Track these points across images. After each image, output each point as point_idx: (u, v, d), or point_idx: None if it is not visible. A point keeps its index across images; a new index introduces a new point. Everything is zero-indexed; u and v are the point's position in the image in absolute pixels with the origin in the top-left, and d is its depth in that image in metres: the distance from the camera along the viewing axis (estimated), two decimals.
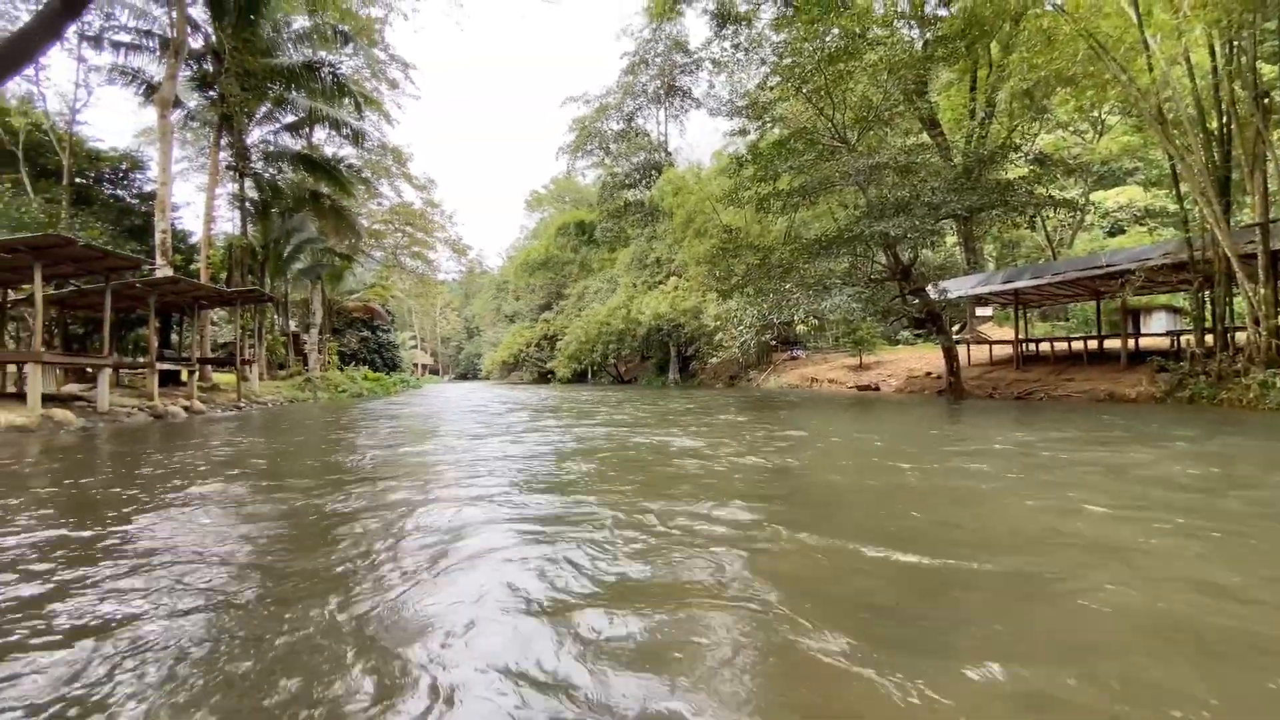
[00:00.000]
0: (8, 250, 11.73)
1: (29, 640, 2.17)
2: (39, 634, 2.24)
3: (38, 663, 2.00)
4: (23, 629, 2.28)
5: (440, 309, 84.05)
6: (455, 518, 3.96)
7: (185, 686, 1.85)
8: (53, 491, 5.15)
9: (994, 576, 2.73)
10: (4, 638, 2.21)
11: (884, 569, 2.84)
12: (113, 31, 21.48)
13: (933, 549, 3.07)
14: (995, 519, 3.86)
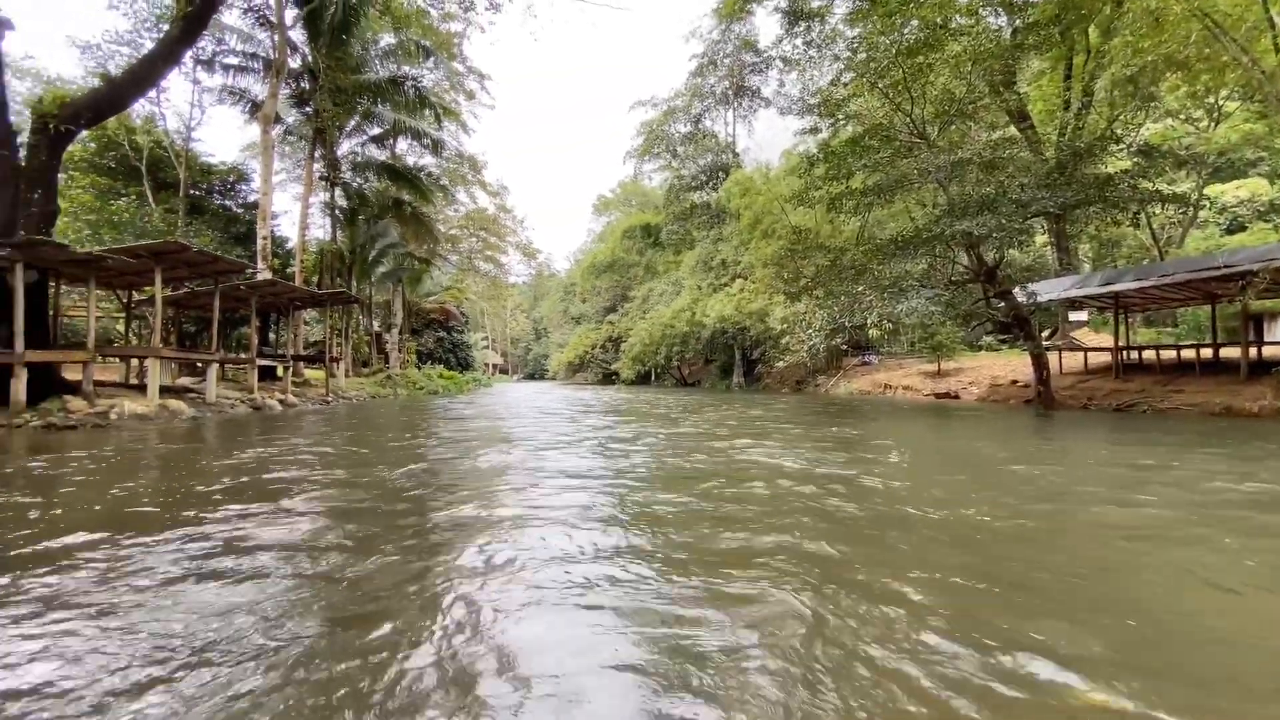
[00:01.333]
0: (133, 255, 13.04)
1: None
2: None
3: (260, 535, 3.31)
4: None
5: (510, 311, 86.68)
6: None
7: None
8: (186, 468, 5.70)
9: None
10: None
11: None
12: (223, 55, 23.52)
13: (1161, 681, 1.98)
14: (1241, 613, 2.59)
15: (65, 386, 12.24)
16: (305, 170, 25.47)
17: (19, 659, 2.05)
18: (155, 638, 2.21)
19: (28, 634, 2.24)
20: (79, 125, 13.70)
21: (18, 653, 2.09)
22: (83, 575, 2.87)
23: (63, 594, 2.64)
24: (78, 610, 2.46)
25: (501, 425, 11.19)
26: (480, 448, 7.98)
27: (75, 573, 2.91)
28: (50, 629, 2.28)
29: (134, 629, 2.29)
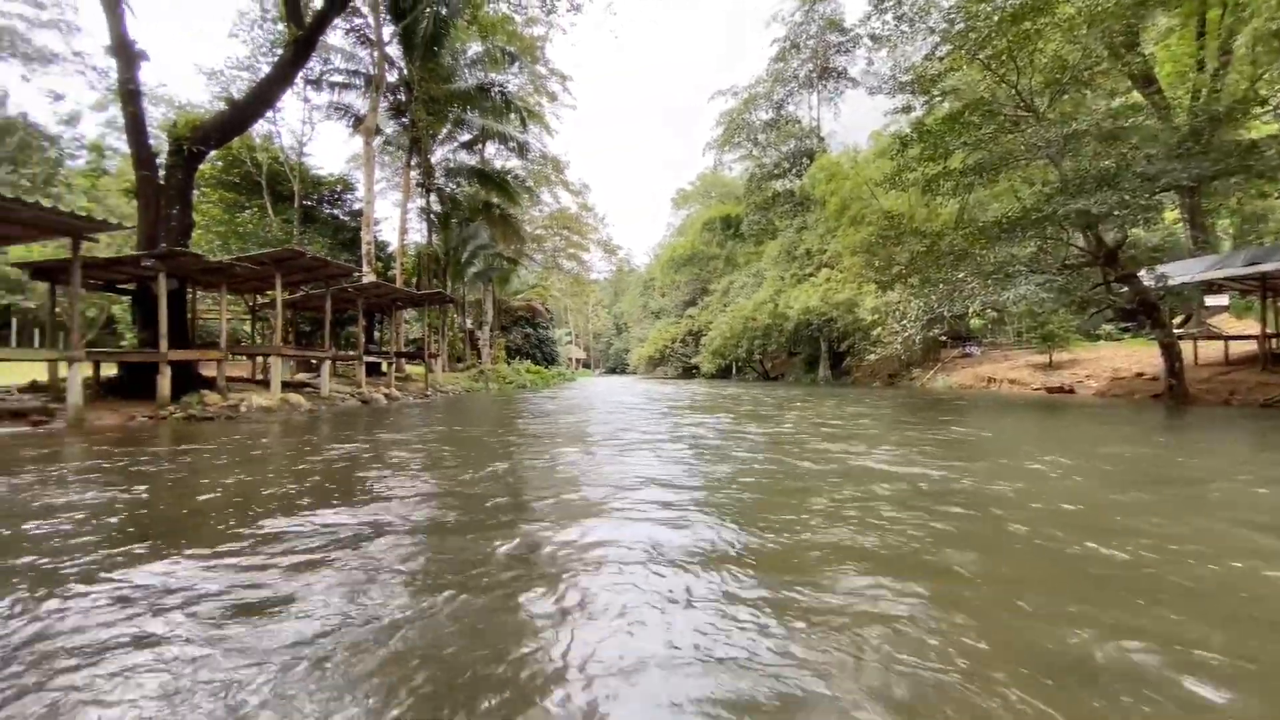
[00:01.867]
0: (257, 263, 14.34)
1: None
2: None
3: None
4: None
5: (592, 306, 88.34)
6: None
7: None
8: (315, 448, 6.20)
9: None
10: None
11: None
12: (329, 74, 25.38)
13: None
14: None
15: (202, 382, 13.68)
16: (403, 178, 27.05)
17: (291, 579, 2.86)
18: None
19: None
20: (209, 146, 15.22)
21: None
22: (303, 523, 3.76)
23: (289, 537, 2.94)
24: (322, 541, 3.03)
25: (586, 422, 10.90)
26: (564, 445, 7.68)
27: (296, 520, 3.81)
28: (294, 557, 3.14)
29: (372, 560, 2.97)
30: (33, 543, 3.35)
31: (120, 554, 3.18)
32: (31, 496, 4.53)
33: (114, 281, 14.54)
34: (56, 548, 3.27)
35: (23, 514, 3.98)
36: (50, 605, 2.50)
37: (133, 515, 4.01)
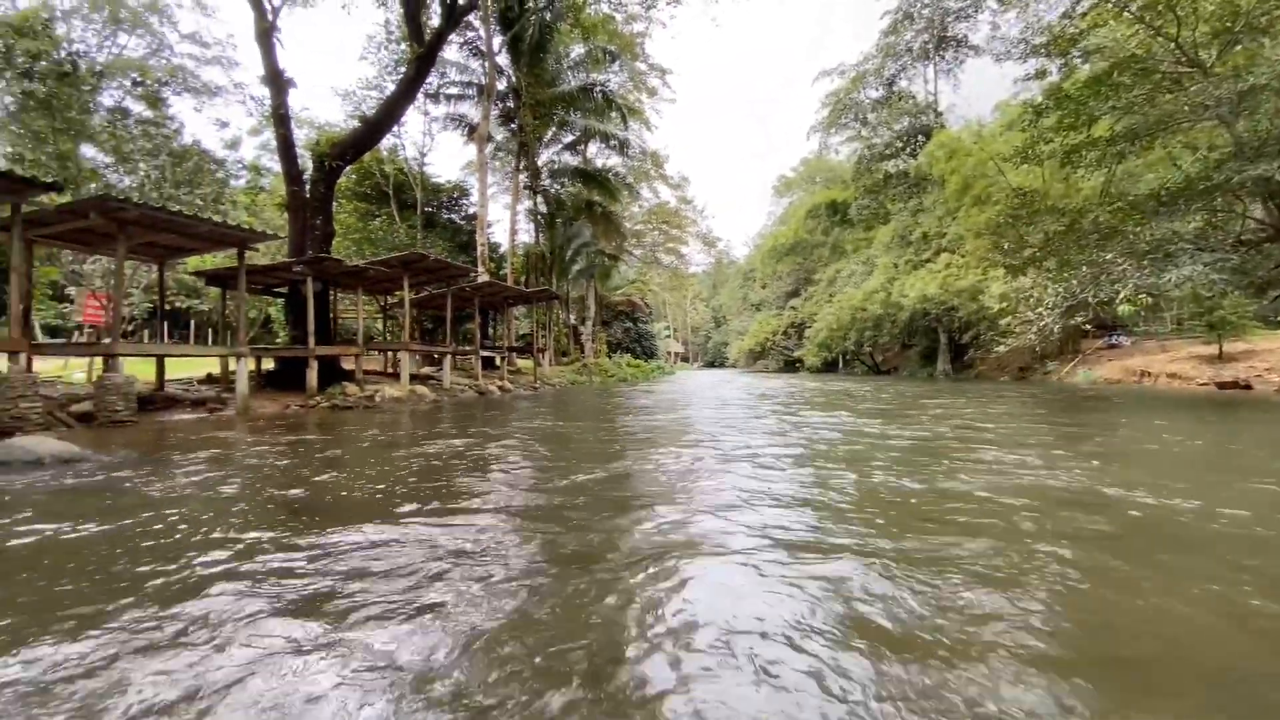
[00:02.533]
0: (388, 266, 15.62)
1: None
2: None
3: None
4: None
5: (690, 300, 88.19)
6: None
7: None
8: (446, 431, 6.70)
9: None
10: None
11: None
12: (445, 87, 27.08)
13: None
14: None
15: (343, 374, 15.14)
16: (512, 181, 28.39)
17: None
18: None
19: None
20: (345, 160, 16.77)
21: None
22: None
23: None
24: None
25: (687, 418, 10.27)
26: (665, 446, 6.88)
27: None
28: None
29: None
30: (255, 506, 3.86)
31: (325, 516, 3.76)
32: (242, 468, 5.23)
33: (270, 285, 16.44)
34: (271, 512, 3.74)
35: (246, 486, 4.59)
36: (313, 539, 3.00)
37: (320, 489, 4.51)
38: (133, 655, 2.02)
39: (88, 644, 2.09)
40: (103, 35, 20.37)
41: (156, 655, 2.02)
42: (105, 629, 2.21)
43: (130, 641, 2.11)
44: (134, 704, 1.74)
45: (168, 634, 2.17)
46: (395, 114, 18.64)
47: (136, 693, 1.80)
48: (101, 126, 18.43)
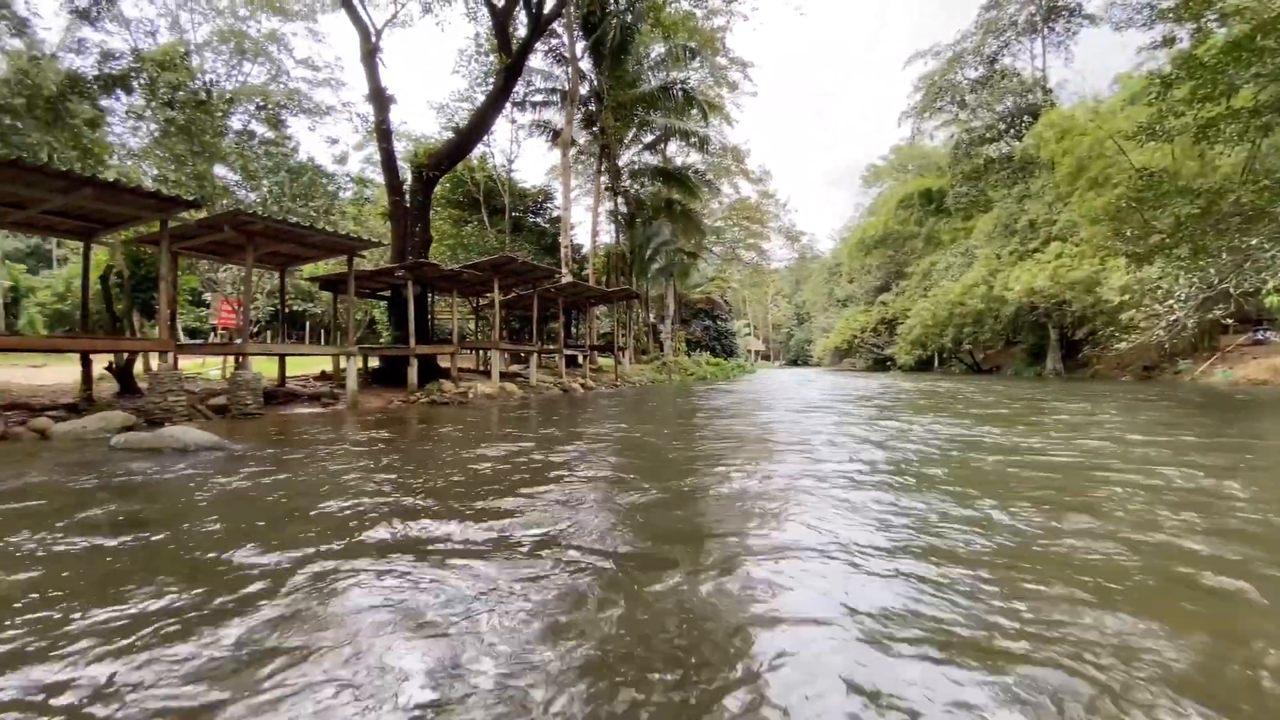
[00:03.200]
0: (479, 269, 16.34)
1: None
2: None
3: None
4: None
5: (772, 297, 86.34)
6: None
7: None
8: (543, 423, 6.96)
9: None
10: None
11: None
12: (531, 94, 28.00)
13: None
14: None
15: (439, 372, 16.00)
16: (594, 183, 28.92)
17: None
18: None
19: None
20: (441, 170, 17.68)
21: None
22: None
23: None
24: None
25: (771, 422, 9.10)
26: (747, 457, 5.99)
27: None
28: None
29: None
30: (385, 486, 4.18)
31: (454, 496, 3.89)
32: (376, 456, 5.68)
33: (375, 289, 17.64)
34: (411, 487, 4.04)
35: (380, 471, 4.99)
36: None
37: (428, 477, 4.80)
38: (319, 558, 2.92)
39: (291, 553, 3.02)
40: (230, 65, 22.63)
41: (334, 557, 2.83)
42: (294, 549, 2.65)
43: (318, 547, 2.90)
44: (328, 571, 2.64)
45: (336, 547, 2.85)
46: (485, 124, 19.46)
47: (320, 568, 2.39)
48: (231, 148, 20.45)
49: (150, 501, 4.21)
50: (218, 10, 22.00)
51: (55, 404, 9.29)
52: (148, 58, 18.98)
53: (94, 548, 3.12)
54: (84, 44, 19.07)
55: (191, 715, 1.70)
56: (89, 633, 2.16)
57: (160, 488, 4.63)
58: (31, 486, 4.60)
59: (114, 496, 4.29)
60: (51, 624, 2.22)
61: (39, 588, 2.57)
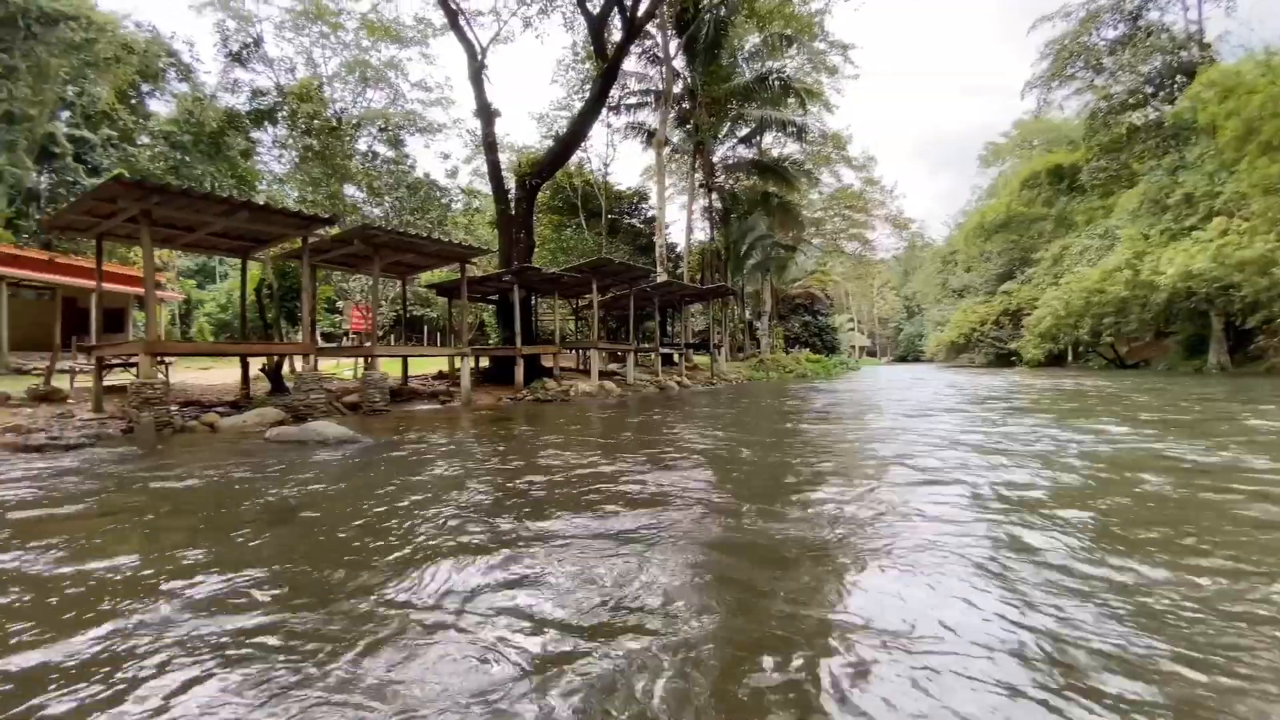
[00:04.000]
0: (579, 272, 16.85)
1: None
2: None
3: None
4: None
5: (877, 289, 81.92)
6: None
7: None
8: (640, 421, 7.11)
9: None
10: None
11: None
12: (626, 97, 28.42)
13: None
14: None
15: (543, 371, 16.68)
16: (688, 181, 28.90)
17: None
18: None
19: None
20: (542, 178, 18.41)
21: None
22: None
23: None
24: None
25: (880, 428, 7.85)
26: (853, 472, 5.14)
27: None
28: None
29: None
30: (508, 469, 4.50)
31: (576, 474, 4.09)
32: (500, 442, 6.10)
33: (485, 294, 18.69)
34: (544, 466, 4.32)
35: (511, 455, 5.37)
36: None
37: (529, 465, 5.08)
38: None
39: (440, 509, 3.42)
40: (355, 92, 24.87)
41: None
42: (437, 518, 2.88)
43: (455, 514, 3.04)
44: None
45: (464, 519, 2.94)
46: (583, 130, 20.01)
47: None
48: (358, 168, 22.50)
49: (306, 485, 4.74)
50: (344, 44, 24.26)
51: (221, 401, 10.68)
52: (289, 92, 21.28)
53: (277, 522, 3.57)
54: (237, 84, 21.71)
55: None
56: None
57: (309, 473, 5.20)
58: (215, 474, 5.33)
59: (274, 483, 4.87)
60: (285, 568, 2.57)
61: (255, 551, 3.00)
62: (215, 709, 1.71)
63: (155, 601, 2.44)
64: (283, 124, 21.70)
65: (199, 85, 25.47)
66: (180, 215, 9.47)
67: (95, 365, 9.68)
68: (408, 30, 24.53)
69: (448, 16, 17.61)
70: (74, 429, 7.66)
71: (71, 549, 3.14)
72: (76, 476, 5.16)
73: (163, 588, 2.60)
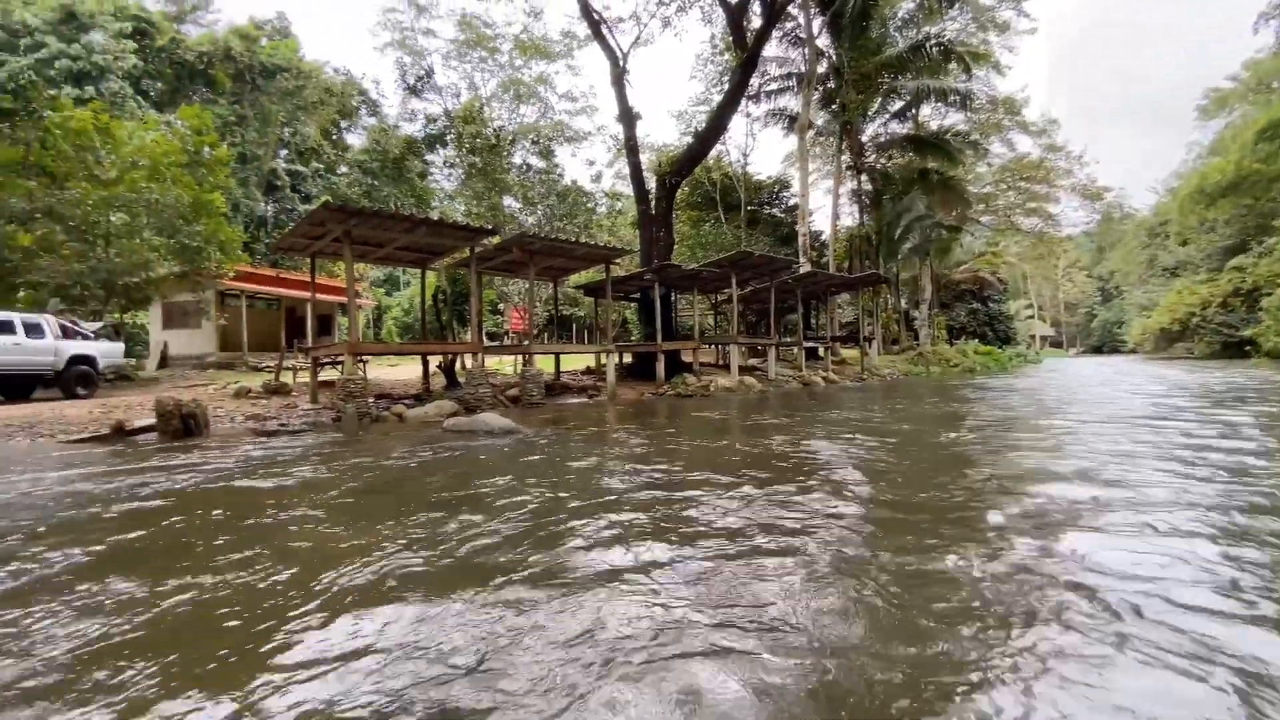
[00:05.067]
0: (718, 266, 16.81)
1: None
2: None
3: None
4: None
5: (1063, 270, 71.65)
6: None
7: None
8: (782, 416, 7.05)
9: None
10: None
11: None
12: (766, 84, 27.69)
13: None
14: None
15: (683, 366, 16.92)
16: (834, 164, 27.50)
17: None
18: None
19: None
20: (681, 176, 18.61)
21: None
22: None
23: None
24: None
25: (1087, 451, 5.67)
26: (1064, 523, 3.42)
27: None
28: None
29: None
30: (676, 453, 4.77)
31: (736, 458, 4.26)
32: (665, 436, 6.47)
33: (627, 292, 19.36)
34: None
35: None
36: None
37: (672, 454, 5.27)
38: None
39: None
40: (510, 109, 26.90)
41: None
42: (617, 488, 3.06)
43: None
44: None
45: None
46: (722, 122, 19.91)
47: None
48: (514, 180, 24.37)
49: (487, 468, 5.32)
50: (500, 65, 26.38)
51: (407, 394, 12.23)
52: (455, 116, 23.62)
53: (467, 495, 4.09)
54: (414, 113, 24.53)
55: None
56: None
57: (487, 457, 5.82)
58: (407, 456, 6.18)
59: (458, 463, 5.52)
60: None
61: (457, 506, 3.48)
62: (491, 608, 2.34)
63: (403, 539, 2.92)
64: (451, 145, 24.18)
65: (383, 118, 29.25)
66: (373, 233, 10.99)
67: (311, 364, 11.60)
68: (555, 45, 26.04)
69: (590, 27, 18.46)
70: (297, 418, 9.25)
71: (333, 509, 3.85)
72: (311, 456, 6.25)
73: (417, 520, 3.16)
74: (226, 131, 29.36)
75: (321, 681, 1.88)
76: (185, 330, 20.97)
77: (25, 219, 14.97)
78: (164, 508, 4.16)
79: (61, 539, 3.44)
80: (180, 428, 7.85)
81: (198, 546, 3.27)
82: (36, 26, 29.55)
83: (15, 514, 4.07)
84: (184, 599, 2.56)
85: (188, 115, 18.63)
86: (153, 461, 6.13)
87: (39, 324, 11.96)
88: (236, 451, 6.68)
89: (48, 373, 12.12)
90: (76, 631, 2.26)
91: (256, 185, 33.32)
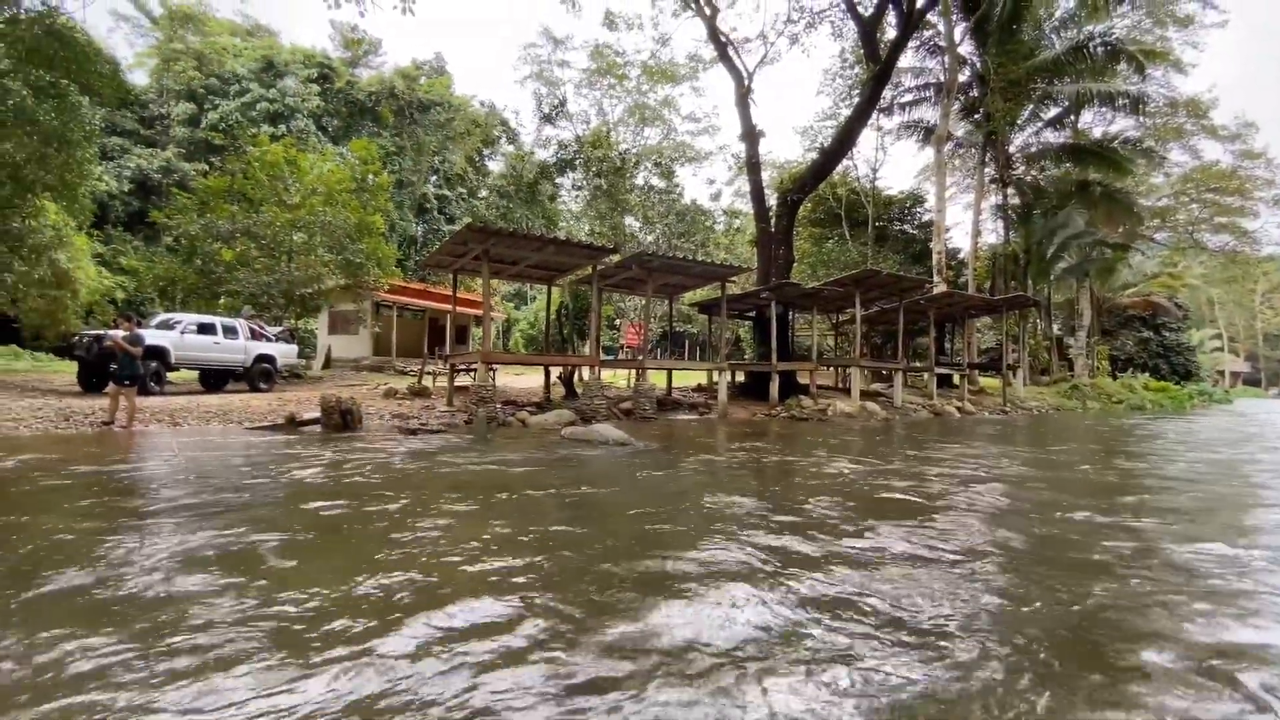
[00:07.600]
0: (840, 285, 16.16)
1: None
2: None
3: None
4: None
5: (1261, 295, 60.86)
6: None
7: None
8: (909, 447, 6.66)
9: None
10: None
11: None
12: (900, 96, 26.37)
13: None
14: None
15: (798, 388, 16.37)
16: (976, 177, 25.53)
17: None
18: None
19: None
20: (804, 193, 18.18)
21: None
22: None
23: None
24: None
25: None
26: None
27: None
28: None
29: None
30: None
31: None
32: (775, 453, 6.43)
33: (742, 311, 19.16)
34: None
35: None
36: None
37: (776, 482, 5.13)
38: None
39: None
40: (635, 132, 27.80)
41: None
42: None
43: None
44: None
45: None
46: (851, 138, 19.24)
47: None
48: (636, 200, 25.10)
49: (602, 477, 5.51)
50: (627, 90, 27.42)
51: (529, 401, 12.93)
52: (585, 141, 24.84)
53: (587, 496, 4.28)
54: (547, 140, 26.11)
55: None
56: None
57: (602, 467, 6.02)
58: (530, 460, 6.54)
59: (573, 467, 5.76)
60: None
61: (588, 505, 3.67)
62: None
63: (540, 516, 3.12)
64: (579, 168, 25.47)
65: (520, 145, 31.46)
66: (507, 251, 11.81)
67: (449, 370, 12.62)
68: (680, 69, 26.63)
69: (717, 49, 18.66)
70: (435, 418, 10.09)
71: (476, 500, 4.20)
72: (447, 452, 6.80)
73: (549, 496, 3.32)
74: (387, 160, 33.03)
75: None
76: (346, 335, 23.71)
77: (228, 238, 17.80)
78: (382, 482, 4.72)
79: (386, 501, 4.02)
80: (339, 422, 8.87)
81: (434, 505, 3.68)
82: (243, 75, 35.25)
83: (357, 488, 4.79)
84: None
85: (357, 148, 21.25)
86: (327, 450, 6.96)
87: (234, 327, 14.10)
88: (393, 446, 7.41)
89: (239, 369, 14.23)
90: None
91: (410, 208, 37.13)
